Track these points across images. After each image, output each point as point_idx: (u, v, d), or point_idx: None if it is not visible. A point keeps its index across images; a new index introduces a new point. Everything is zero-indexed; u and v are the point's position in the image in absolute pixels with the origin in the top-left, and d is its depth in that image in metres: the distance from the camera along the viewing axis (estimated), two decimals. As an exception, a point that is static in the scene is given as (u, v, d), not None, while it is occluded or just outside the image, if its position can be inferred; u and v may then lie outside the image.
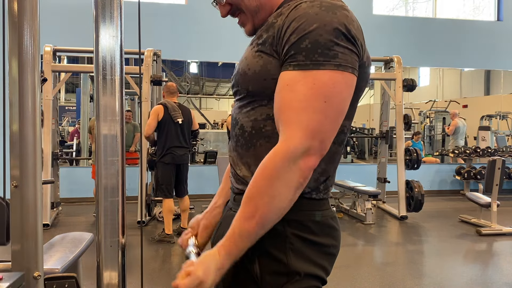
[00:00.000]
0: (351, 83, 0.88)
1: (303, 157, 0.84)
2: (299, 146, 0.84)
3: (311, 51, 0.84)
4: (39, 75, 0.95)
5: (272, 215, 0.86)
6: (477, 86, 11.06)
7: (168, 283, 3.46)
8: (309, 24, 0.85)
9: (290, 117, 0.85)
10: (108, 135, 0.93)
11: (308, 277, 0.92)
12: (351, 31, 0.86)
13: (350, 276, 3.66)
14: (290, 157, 0.84)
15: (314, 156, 0.85)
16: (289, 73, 0.87)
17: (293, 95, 0.85)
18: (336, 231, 0.99)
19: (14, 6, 0.91)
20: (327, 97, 0.84)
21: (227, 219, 1.03)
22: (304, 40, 0.85)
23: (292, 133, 0.84)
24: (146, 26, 6.55)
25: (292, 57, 0.86)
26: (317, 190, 0.95)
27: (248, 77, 0.95)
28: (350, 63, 0.86)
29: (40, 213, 0.95)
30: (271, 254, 0.91)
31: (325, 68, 0.84)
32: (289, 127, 0.85)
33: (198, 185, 6.84)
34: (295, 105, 0.85)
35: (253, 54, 0.96)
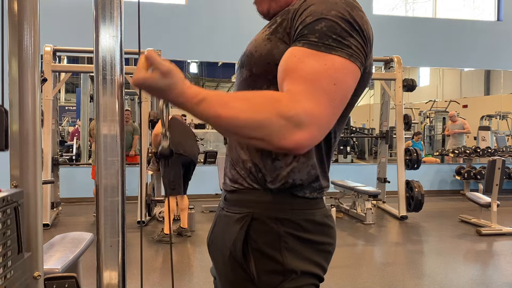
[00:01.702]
0: (357, 75, 0.86)
1: (299, 128, 0.78)
2: (303, 115, 0.78)
3: (325, 34, 0.82)
4: (39, 75, 0.95)
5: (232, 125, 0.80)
6: (477, 86, 11.06)
7: (168, 283, 3.46)
8: (328, 10, 0.84)
9: (299, 83, 0.80)
10: (108, 135, 0.93)
11: (305, 275, 0.92)
12: (364, 32, 0.86)
13: (350, 276, 3.66)
14: (288, 118, 0.78)
15: (309, 137, 0.79)
16: (297, 48, 0.84)
17: (303, 65, 0.81)
18: (331, 229, 0.99)
19: (14, 6, 0.91)
20: (337, 80, 0.81)
21: (221, 218, 1.03)
22: (320, 23, 0.83)
23: (301, 97, 0.79)
24: (146, 26, 6.55)
25: (304, 36, 0.84)
26: (310, 189, 0.95)
27: (254, 59, 0.95)
28: (360, 58, 0.85)
29: (40, 213, 0.96)
30: (267, 253, 0.91)
31: (337, 53, 0.82)
32: (298, 90, 0.79)
33: (198, 185, 6.84)
34: (306, 75, 0.80)
35: (263, 37, 0.95)
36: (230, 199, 1.00)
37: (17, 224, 0.85)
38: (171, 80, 0.81)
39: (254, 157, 0.95)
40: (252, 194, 0.95)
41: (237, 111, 0.79)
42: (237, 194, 0.99)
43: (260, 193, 0.95)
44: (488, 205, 5.15)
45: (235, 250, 0.93)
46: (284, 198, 0.93)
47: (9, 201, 0.84)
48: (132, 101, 9.09)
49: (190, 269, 3.87)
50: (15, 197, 0.86)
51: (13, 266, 0.84)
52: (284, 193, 0.93)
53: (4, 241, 0.82)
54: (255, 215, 0.93)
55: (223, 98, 0.81)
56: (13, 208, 0.85)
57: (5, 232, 0.82)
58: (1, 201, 0.81)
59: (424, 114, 11.06)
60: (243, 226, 0.93)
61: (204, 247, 1.11)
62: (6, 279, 0.81)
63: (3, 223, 0.81)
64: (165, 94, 0.82)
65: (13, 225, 0.85)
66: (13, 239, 0.84)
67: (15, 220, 0.85)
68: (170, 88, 0.81)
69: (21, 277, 0.87)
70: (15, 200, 0.86)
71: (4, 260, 0.81)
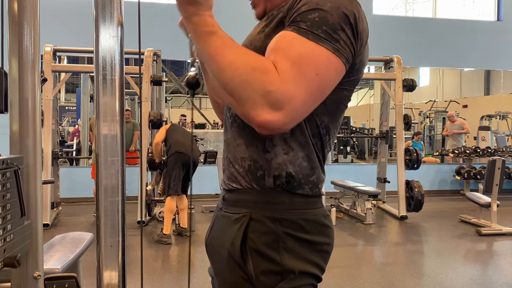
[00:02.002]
0: (341, 71, 0.86)
1: (274, 108, 0.79)
2: (282, 96, 0.79)
3: (316, 24, 0.82)
4: (39, 75, 0.95)
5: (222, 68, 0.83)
6: (477, 86, 11.07)
7: (168, 283, 3.46)
8: (323, 1, 0.84)
9: (286, 63, 0.80)
10: (108, 135, 0.93)
11: (303, 275, 0.92)
12: (358, 26, 0.86)
13: (350, 276, 3.66)
14: (268, 92, 0.78)
15: (280, 119, 0.80)
16: (288, 32, 0.85)
17: (292, 48, 0.82)
18: (329, 229, 0.98)
19: (14, 6, 0.91)
20: (319, 71, 0.82)
21: (219, 219, 1.03)
22: (314, 12, 0.83)
23: (285, 77, 0.79)
24: (146, 26, 6.53)
25: (296, 22, 0.84)
26: (308, 183, 0.94)
27: None
28: (346, 54, 0.85)
29: (40, 213, 0.96)
30: (264, 253, 0.91)
31: (324, 45, 0.82)
32: (284, 68, 0.80)
33: (198, 185, 6.84)
34: (292, 58, 0.81)
35: (258, 31, 0.96)
36: (228, 199, 1.00)
37: (18, 188, 0.85)
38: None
39: (252, 154, 0.95)
40: (250, 194, 0.95)
41: (233, 60, 0.82)
42: (235, 194, 0.98)
43: (258, 193, 0.94)
44: (488, 205, 5.15)
45: (233, 250, 0.93)
46: (283, 197, 0.93)
47: (9, 164, 0.83)
48: (132, 101, 9.09)
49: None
50: (15, 161, 0.86)
51: (13, 230, 0.84)
52: (282, 192, 0.93)
53: (4, 203, 0.82)
54: (253, 215, 0.93)
55: (230, 44, 0.85)
56: (13, 172, 0.84)
57: (5, 195, 0.82)
58: (0, 163, 0.81)
59: (424, 114, 11.07)
60: (241, 226, 0.93)
61: (203, 247, 1.11)
62: (5, 241, 0.82)
63: (2, 185, 0.81)
64: (189, 3, 0.86)
65: (13, 188, 0.85)
66: (13, 202, 0.85)
67: (15, 184, 0.85)
68: (196, 2, 0.85)
69: (20, 242, 0.87)
70: (15, 164, 0.86)
71: (3, 223, 0.81)
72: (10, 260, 0.82)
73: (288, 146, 0.92)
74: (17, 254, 0.84)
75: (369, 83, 11.66)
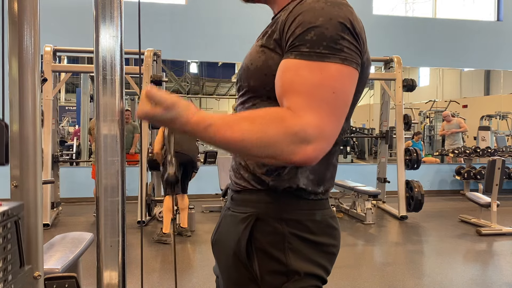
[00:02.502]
0: (355, 78, 0.86)
1: (307, 143, 0.79)
2: (308, 129, 0.79)
3: (316, 43, 0.82)
4: (39, 75, 0.95)
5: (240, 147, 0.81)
6: (477, 86, 11.06)
7: (168, 283, 3.46)
8: (315, 17, 0.83)
9: (298, 97, 0.81)
10: (108, 135, 0.93)
11: (308, 277, 0.92)
12: (355, 28, 0.86)
13: (350, 276, 3.66)
14: (294, 134, 0.79)
15: (317, 149, 0.81)
16: (290, 60, 0.84)
17: (299, 79, 0.82)
18: (336, 231, 0.98)
19: (14, 6, 0.91)
20: (335, 88, 0.82)
21: (226, 218, 1.03)
22: (309, 32, 0.83)
23: (304, 112, 0.80)
24: (146, 26, 6.55)
25: (295, 47, 0.84)
26: (315, 193, 0.95)
27: (250, 72, 0.94)
28: (354, 58, 0.85)
29: (40, 213, 0.96)
30: (270, 253, 0.91)
31: (331, 60, 0.82)
32: (299, 105, 0.80)
33: (198, 185, 6.84)
34: (304, 89, 0.81)
35: (257, 50, 0.95)
36: (236, 199, 1.01)
37: (18, 238, 0.85)
38: (174, 112, 0.82)
39: (260, 163, 0.95)
40: (257, 194, 0.96)
41: (244, 133, 0.80)
42: (242, 194, 0.99)
43: (265, 194, 0.95)
44: (488, 205, 5.15)
45: (239, 249, 0.93)
46: (289, 199, 0.93)
47: (10, 215, 0.83)
48: (132, 101, 9.09)
49: (190, 269, 3.87)
50: (15, 211, 0.85)
51: (14, 280, 0.84)
52: (288, 194, 0.93)
53: (5, 255, 0.81)
54: (260, 215, 0.93)
55: (229, 121, 0.82)
56: (14, 222, 0.84)
57: (6, 247, 0.81)
58: (1, 216, 0.80)
59: (424, 114, 11.06)
60: (247, 226, 0.93)
61: (204, 247, 1.11)
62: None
63: (3, 237, 0.81)
64: (170, 125, 0.84)
65: (14, 239, 0.84)
66: (13, 252, 0.84)
67: (15, 234, 0.84)
68: (175, 119, 0.82)
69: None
70: (16, 214, 0.85)
71: (4, 275, 0.80)
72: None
73: None
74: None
75: (369, 83, 11.66)
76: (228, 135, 0.80)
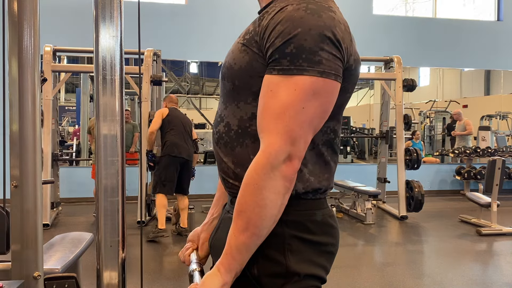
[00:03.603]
0: (332, 90, 0.87)
1: (285, 163, 0.84)
2: (279, 152, 0.84)
3: (295, 56, 0.83)
4: (39, 75, 0.95)
5: (265, 223, 0.86)
6: (477, 86, 11.06)
7: (168, 283, 3.46)
8: (294, 27, 0.84)
9: (269, 124, 0.85)
10: (108, 135, 0.93)
11: (308, 277, 0.92)
12: (336, 35, 0.85)
13: (350, 276, 3.66)
14: (271, 165, 0.83)
15: (294, 160, 0.85)
16: (273, 77, 0.86)
17: (274, 101, 0.85)
18: (335, 230, 0.98)
19: (14, 6, 0.91)
20: (305, 102, 0.84)
21: (225, 221, 1.02)
22: (289, 45, 0.84)
23: (271, 140, 0.84)
24: (146, 26, 6.55)
25: (277, 61, 0.85)
26: (314, 192, 0.95)
27: (234, 71, 0.94)
28: (333, 70, 0.85)
29: (40, 213, 0.95)
30: (269, 255, 0.91)
31: (309, 74, 0.83)
32: (268, 134, 0.85)
33: (198, 185, 6.83)
34: (275, 111, 0.85)
35: (239, 48, 0.95)
36: (235, 202, 1.00)
37: None
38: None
39: (245, 161, 0.95)
40: None
41: (253, 218, 0.85)
42: None
43: None
44: (488, 205, 5.15)
45: None
46: (289, 200, 0.93)
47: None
48: (132, 101, 9.09)
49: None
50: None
51: None
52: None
53: None
54: None
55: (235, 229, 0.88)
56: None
57: None
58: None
59: (424, 114, 11.06)
60: None
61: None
62: None
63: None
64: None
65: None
66: None
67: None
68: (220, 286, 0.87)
69: None
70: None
71: None
72: None
73: None
74: None
75: (369, 83, 11.65)
76: (247, 240, 0.87)
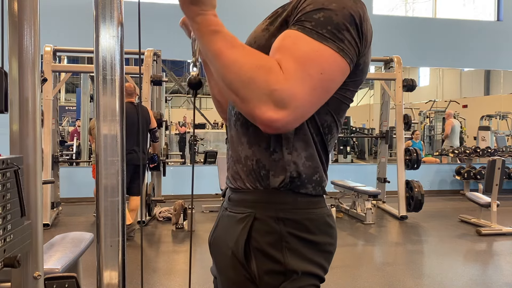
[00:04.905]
0: (345, 71, 0.86)
1: (279, 107, 0.78)
2: (287, 95, 0.78)
3: (321, 24, 0.82)
4: (39, 75, 0.95)
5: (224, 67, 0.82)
6: (477, 86, 11.07)
7: (168, 283, 3.47)
8: (329, 1, 0.84)
9: (291, 61, 0.80)
10: (108, 135, 0.93)
11: (306, 276, 0.92)
12: (363, 26, 0.86)
13: (350, 276, 3.66)
14: (273, 91, 0.78)
15: (284, 118, 0.79)
16: (292, 31, 0.85)
17: (296, 47, 0.82)
18: (332, 229, 0.98)
19: (14, 6, 0.91)
20: (324, 70, 0.81)
21: (223, 219, 1.03)
22: (318, 12, 0.83)
23: (290, 76, 0.79)
24: (146, 26, 6.54)
25: (300, 21, 0.84)
26: (312, 182, 0.94)
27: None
28: (350, 54, 0.85)
29: (40, 213, 0.96)
30: (268, 253, 0.91)
31: (329, 45, 0.82)
32: (289, 68, 0.80)
33: (198, 185, 6.84)
34: (298, 57, 0.81)
35: (262, 28, 0.96)
36: (234, 199, 1.00)
37: (18, 188, 0.85)
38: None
39: (256, 153, 0.95)
40: (254, 194, 0.96)
41: (236, 59, 0.81)
42: (240, 194, 0.99)
43: (262, 193, 0.95)
44: (488, 205, 5.15)
45: (237, 250, 0.93)
46: (287, 197, 0.93)
47: (9, 164, 0.84)
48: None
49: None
50: (15, 161, 0.86)
51: (13, 230, 0.85)
52: (286, 192, 0.93)
53: (4, 203, 0.82)
54: (257, 215, 0.93)
55: (234, 43, 0.84)
56: (13, 171, 0.84)
57: (5, 195, 0.82)
58: (0, 163, 0.81)
59: (424, 114, 11.07)
60: (245, 226, 0.93)
61: (204, 247, 1.11)
62: (5, 242, 0.82)
63: (2, 185, 0.81)
64: (192, 3, 0.84)
65: (14, 188, 0.85)
66: (13, 202, 0.85)
67: (15, 183, 0.85)
68: (199, 2, 0.84)
69: (21, 242, 0.87)
70: (15, 164, 0.86)
71: (3, 223, 0.81)
72: (10, 260, 0.82)
73: (292, 146, 0.93)
74: (17, 254, 0.84)
75: (369, 83, 11.65)
76: (224, 51, 0.82)
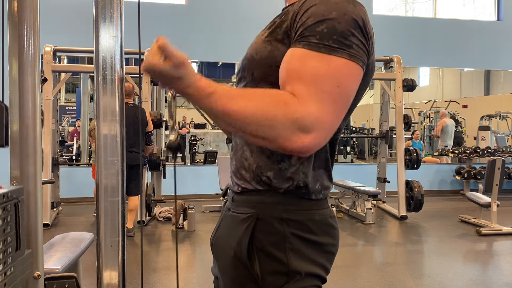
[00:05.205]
0: (359, 75, 0.86)
1: (305, 132, 0.78)
2: (309, 119, 0.78)
3: (326, 35, 0.81)
4: (39, 75, 0.95)
5: (238, 121, 0.81)
6: (477, 86, 11.07)
7: (168, 283, 3.46)
8: (328, 11, 0.83)
9: (303, 85, 0.80)
10: (108, 135, 0.93)
11: (309, 276, 0.92)
12: (367, 27, 0.85)
13: (350, 276, 3.66)
14: (295, 120, 0.78)
15: (314, 140, 0.80)
16: (298, 49, 0.83)
17: (306, 68, 0.81)
18: (335, 230, 0.99)
19: (14, 6, 0.91)
20: (340, 83, 0.81)
21: (226, 219, 1.03)
22: (321, 24, 0.82)
23: (307, 101, 0.78)
24: (146, 26, 6.53)
25: (304, 37, 0.83)
26: (316, 192, 0.95)
27: (255, 62, 0.94)
28: (362, 57, 0.84)
29: (40, 212, 0.96)
30: (271, 254, 0.91)
31: (339, 55, 0.81)
32: (303, 93, 0.79)
33: (198, 185, 6.84)
34: (309, 78, 0.80)
35: (262, 39, 0.94)
36: (237, 199, 1.01)
37: (17, 221, 0.85)
38: (183, 71, 0.82)
39: (259, 159, 0.95)
40: (258, 195, 0.96)
41: (245, 108, 0.80)
42: (243, 195, 0.99)
43: (266, 194, 0.95)
44: (488, 205, 5.14)
45: (240, 250, 0.93)
46: (290, 199, 0.94)
47: (10, 198, 0.84)
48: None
49: (190, 269, 3.87)
50: (15, 194, 0.86)
51: (13, 263, 0.84)
52: (289, 194, 0.94)
53: (4, 237, 0.82)
54: (260, 216, 0.93)
55: (233, 93, 0.82)
56: (13, 205, 0.84)
57: (5, 229, 0.82)
58: (1, 197, 0.81)
59: (424, 114, 11.07)
60: (248, 226, 0.93)
61: (204, 247, 1.11)
62: (6, 276, 0.81)
63: (3, 219, 0.81)
64: (174, 83, 0.83)
65: (13, 221, 0.85)
66: (13, 235, 0.84)
67: (14, 217, 0.85)
68: (181, 78, 0.82)
69: (21, 274, 0.87)
70: (15, 197, 0.86)
71: (4, 257, 0.81)
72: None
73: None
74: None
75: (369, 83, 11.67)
76: (229, 107, 0.80)
